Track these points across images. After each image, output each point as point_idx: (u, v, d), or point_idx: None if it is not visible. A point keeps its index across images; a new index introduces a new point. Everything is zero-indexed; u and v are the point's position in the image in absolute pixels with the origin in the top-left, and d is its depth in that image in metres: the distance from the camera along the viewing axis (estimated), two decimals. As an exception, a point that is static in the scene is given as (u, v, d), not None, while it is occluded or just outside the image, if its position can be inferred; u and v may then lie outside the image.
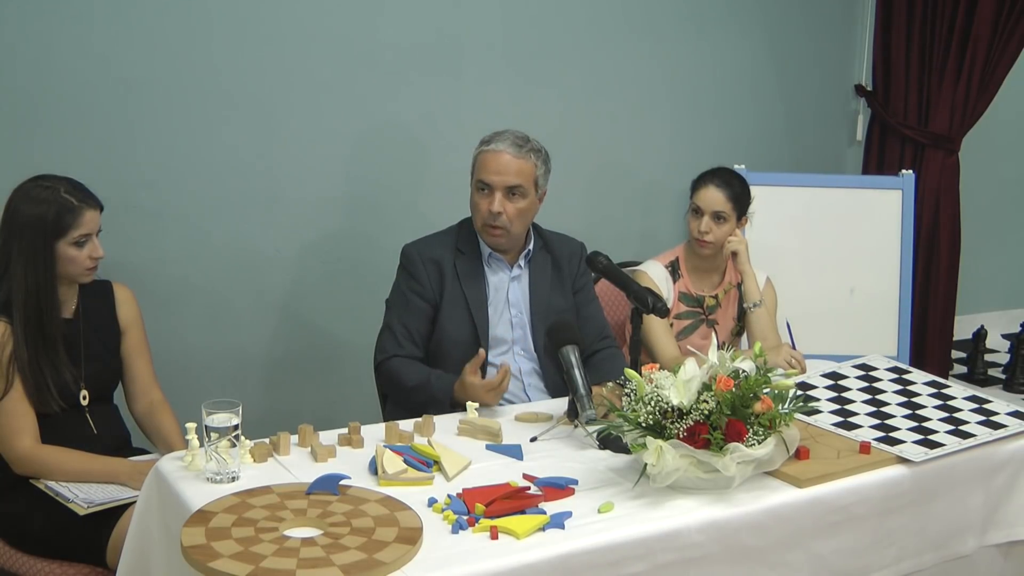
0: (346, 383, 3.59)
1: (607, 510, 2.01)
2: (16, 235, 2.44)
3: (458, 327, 2.79)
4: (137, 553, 2.15)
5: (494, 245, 2.83)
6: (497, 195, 2.73)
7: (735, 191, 3.17)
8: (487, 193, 2.75)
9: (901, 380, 2.71)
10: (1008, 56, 4.28)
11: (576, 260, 2.95)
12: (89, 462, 2.47)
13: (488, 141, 2.79)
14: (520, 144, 2.76)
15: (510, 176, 2.74)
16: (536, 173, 2.79)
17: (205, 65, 3.33)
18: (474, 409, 2.45)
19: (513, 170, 2.74)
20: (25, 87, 3.11)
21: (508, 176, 2.74)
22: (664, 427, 2.06)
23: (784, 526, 2.10)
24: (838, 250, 4.03)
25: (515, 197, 2.75)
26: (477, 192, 2.78)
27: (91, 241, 2.50)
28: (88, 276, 2.54)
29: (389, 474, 2.10)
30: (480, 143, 2.82)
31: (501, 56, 3.83)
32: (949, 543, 2.38)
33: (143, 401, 2.69)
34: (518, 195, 2.75)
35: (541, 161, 2.81)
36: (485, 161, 2.76)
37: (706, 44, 4.25)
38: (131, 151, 3.27)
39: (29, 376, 2.45)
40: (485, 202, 2.75)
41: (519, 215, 2.77)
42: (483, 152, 2.78)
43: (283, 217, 3.53)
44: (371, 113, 3.62)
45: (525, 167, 2.76)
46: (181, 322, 3.40)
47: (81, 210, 2.47)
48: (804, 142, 4.58)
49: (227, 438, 2.06)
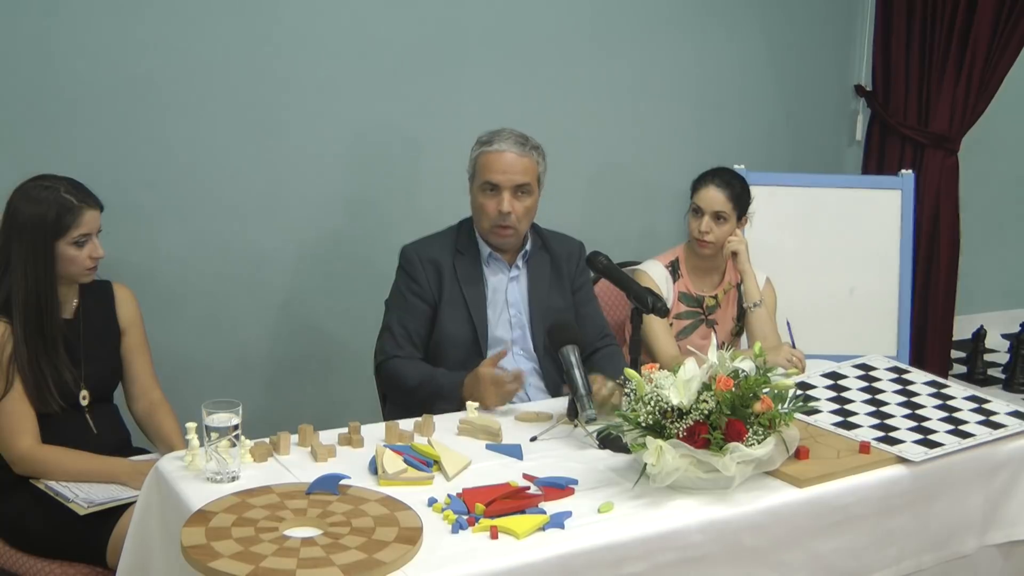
0: (346, 383, 3.59)
1: (607, 510, 2.01)
2: (16, 235, 2.44)
3: (458, 328, 2.79)
4: (137, 553, 2.15)
5: (502, 245, 2.82)
6: (505, 195, 2.73)
7: (735, 191, 3.17)
8: (494, 193, 2.75)
9: (901, 380, 2.71)
10: (1008, 56, 4.28)
11: (575, 259, 2.95)
12: (89, 462, 2.47)
13: (489, 141, 2.79)
14: (522, 143, 2.77)
15: (517, 175, 2.74)
16: (539, 170, 2.80)
17: (205, 65, 3.33)
18: (474, 409, 2.45)
19: (519, 169, 2.75)
20: (25, 87, 3.11)
21: (515, 175, 2.74)
22: (664, 427, 2.06)
23: (784, 526, 2.10)
24: (838, 250, 4.03)
25: (522, 196, 2.76)
26: (482, 193, 2.77)
27: (91, 241, 2.50)
28: (88, 276, 2.54)
29: (389, 474, 2.10)
30: (479, 144, 2.81)
31: (501, 56, 3.83)
32: (949, 543, 2.38)
33: (143, 401, 2.69)
34: (525, 193, 2.76)
35: (542, 158, 2.82)
36: (489, 162, 2.76)
37: (706, 44, 4.25)
38: (131, 151, 3.27)
39: (29, 376, 2.45)
40: (493, 203, 2.75)
41: (526, 213, 2.78)
42: (485, 153, 2.77)
43: (283, 217, 3.53)
44: (371, 113, 3.62)
45: (529, 165, 2.76)
46: (181, 322, 3.40)
47: (81, 210, 2.47)
48: (804, 142, 4.58)
49: (227, 438, 2.06)
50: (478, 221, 2.82)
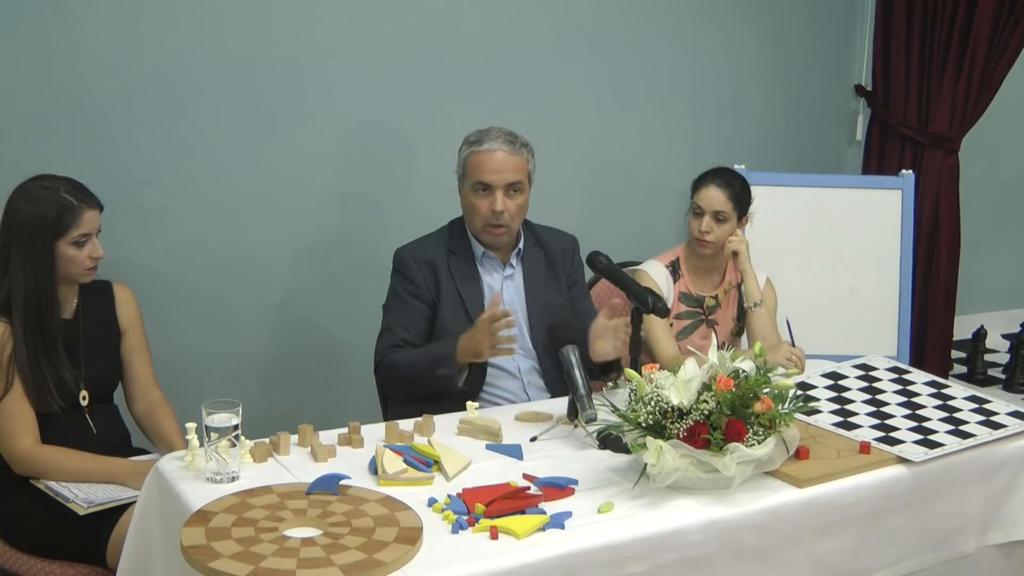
0: (346, 383, 3.59)
1: (607, 510, 2.01)
2: (16, 235, 2.44)
3: (458, 327, 2.78)
4: (137, 553, 2.15)
5: (495, 244, 2.82)
6: (498, 194, 2.73)
7: (736, 191, 3.17)
8: (487, 193, 2.74)
9: (901, 380, 2.71)
10: (1008, 56, 4.28)
11: (569, 255, 2.95)
12: (88, 462, 2.47)
13: (478, 141, 2.77)
14: (512, 141, 2.76)
15: (509, 174, 2.73)
16: (529, 168, 2.80)
17: (204, 65, 3.33)
18: (474, 408, 2.45)
19: (511, 167, 2.74)
20: (25, 87, 3.11)
21: (507, 174, 2.73)
22: (664, 427, 2.06)
23: (784, 526, 2.10)
24: (838, 250, 4.03)
25: (515, 194, 2.75)
26: (474, 193, 2.76)
27: (91, 241, 2.50)
28: (88, 276, 2.54)
29: (389, 474, 2.10)
30: (467, 144, 2.79)
31: (501, 56, 3.82)
32: (949, 543, 2.38)
33: (143, 401, 2.69)
34: (517, 191, 2.76)
35: (531, 155, 2.81)
36: (480, 162, 2.74)
37: (706, 44, 4.25)
38: (131, 151, 3.27)
39: (29, 376, 2.45)
40: (485, 202, 2.74)
41: (519, 211, 2.78)
42: (475, 153, 2.76)
43: (283, 217, 3.53)
44: (370, 112, 3.62)
45: (520, 163, 2.76)
46: (181, 322, 3.40)
47: (81, 210, 2.47)
48: (804, 142, 4.58)
49: (227, 438, 2.06)
50: (470, 221, 2.81)
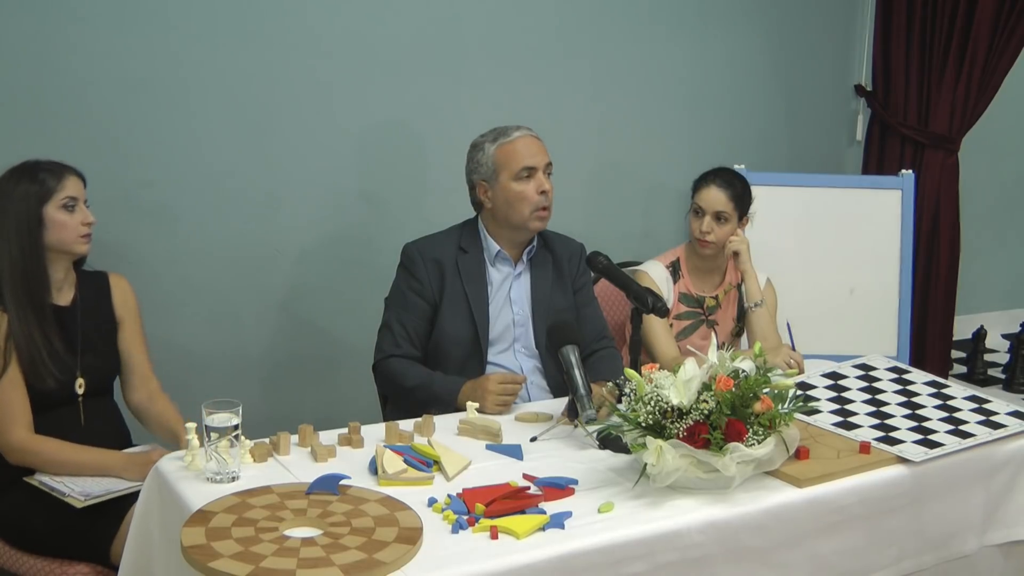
0: (346, 383, 3.59)
1: (607, 510, 2.01)
2: (2, 209, 2.46)
3: (459, 325, 2.79)
4: (138, 553, 2.15)
5: (540, 229, 2.85)
6: (540, 175, 2.79)
7: (737, 191, 3.17)
8: (531, 178, 2.78)
9: (901, 380, 2.71)
10: (1008, 56, 4.28)
11: (576, 261, 2.96)
12: (82, 454, 2.47)
13: (504, 132, 2.82)
14: (530, 128, 2.85)
15: (545, 155, 2.83)
16: None
17: (205, 64, 3.33)
18: (474, 409, 2.45)
19: (544, 149, 2.83)
20: (25, 87, 3.11)
21: (544, 156, 2.82)
22: (664, 427, 2.06)
23: (784, 526, 2.10)
24: (838, 250, 4.03)
25: (549, 176, 2.83)
26: (519, 182, 2.78)
27: (80, 207, 2.51)
28: (83, 244, 2.53)
29: (389, 474, 2.10)
30: (491, 141, 2.82)
31: (502, 55, 3.83)
32: (949, 543, 2.38)
33: (142, 391, 2.68)
34: (550, 173, 2.83)
35: None
36: (516, 150, 2.79)
37: (707, 44, 4.25)
38: (131, 150, 3.27)
39: (24, 348, 2.44)
40: (531, 187, 2.78)
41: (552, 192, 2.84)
42: (506, 144, 2.80)
43: (283, 217, 3.53)
44: (372, 112, 3.62)
45: (545, 147, 2.84)
46: (181, 321, 3.40)
47: (63, 174, 2.51)
48: (804, 142, 4.58)
49: (227, 438, 2.06)
50: (519, 211, 2.79)
